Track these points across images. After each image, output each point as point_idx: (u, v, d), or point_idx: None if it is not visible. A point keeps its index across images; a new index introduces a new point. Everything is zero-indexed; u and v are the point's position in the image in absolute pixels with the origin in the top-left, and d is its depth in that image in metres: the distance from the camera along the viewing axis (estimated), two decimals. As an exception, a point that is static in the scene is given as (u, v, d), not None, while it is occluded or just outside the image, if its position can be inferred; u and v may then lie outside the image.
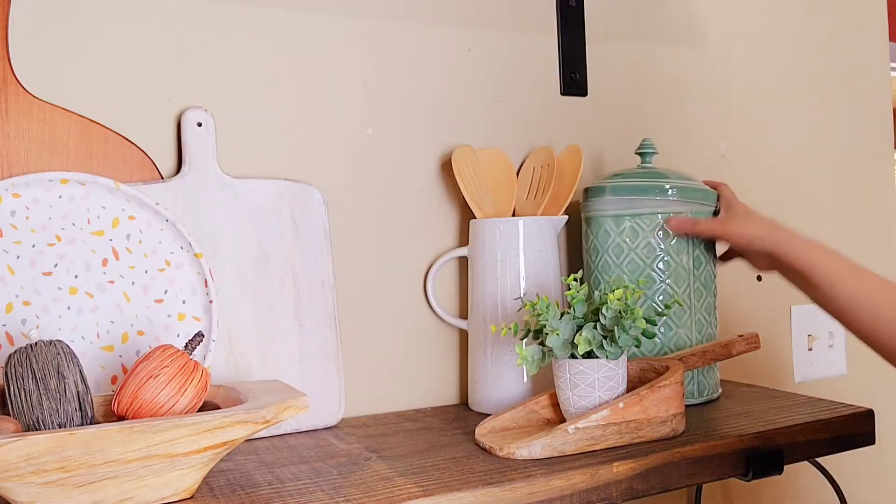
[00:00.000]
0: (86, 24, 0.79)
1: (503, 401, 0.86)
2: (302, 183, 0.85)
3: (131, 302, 0.75)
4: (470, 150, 0.93)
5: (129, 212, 0.75)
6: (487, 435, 0.74)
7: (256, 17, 0.86)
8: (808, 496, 1.18)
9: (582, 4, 1.03)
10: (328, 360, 0.84)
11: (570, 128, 1.03)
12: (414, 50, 0.94)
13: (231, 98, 0.85)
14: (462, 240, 0.96)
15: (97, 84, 0.79)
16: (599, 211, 0.90)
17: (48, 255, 0.73)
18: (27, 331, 0.71)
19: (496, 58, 0.98)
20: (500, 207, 0.92)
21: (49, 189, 0.73)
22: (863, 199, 1.29)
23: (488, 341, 0.88)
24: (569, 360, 0.72)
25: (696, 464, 0.70)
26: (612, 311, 0.71)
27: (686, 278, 0.88)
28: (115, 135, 0.79)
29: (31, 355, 0.60)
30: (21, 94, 0.75)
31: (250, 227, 0.82)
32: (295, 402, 0.61)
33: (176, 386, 0.61)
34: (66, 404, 0.60)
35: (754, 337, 0.87)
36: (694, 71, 1.13)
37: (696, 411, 0.84)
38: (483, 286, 0.89)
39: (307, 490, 0.62)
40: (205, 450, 0.58)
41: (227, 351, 0.80)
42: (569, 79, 1.02)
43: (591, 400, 0.72)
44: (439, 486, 0.61)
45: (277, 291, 0.82)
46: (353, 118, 0.90)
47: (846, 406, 0.82)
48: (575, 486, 0.64)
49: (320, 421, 0.83)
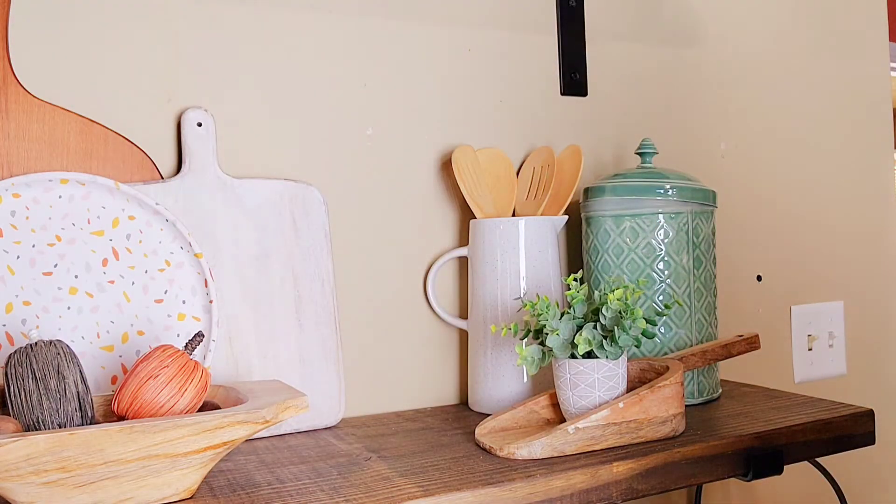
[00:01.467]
0: (86, 24, 0.79)
1: (503, 401, 0.86)
2: (302, 183, 0.85)
3: (131, 302, 0.75)
4: (470, 150, 0.93)
5: (129, 212, 0.75)
6: (487, 435, 0.74)
7: (256, 17, 0.86)
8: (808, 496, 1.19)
9: (582, 4, 1.03)
10: (328, 360, 0.84)
11: (570, 128, 1.03)
12: (414, 50, 0.94)
13: (231, 98, 0.85)
14: (462, 240, 0.96)
15: (97, 84, 0.79)
16: (599, 211, 0.90)
17: (48, 255, 0.73)
18: (27, 331, 0.71)
19: (496, 58, 0.98)
20: (500, 207, 0.92)
21: (49, 189, 0.73)
22: (863, 199, 1.29)
23: (488, 341, 0.88)
24: (569, 360, 0.72)
25: (696, 464, 0.70)
26: (612, 311, 0.71)
27: (686, 278, 0.88)
28: (115, 135, 0.79)
29: (31, 355, 0.60)
30: (21, 94, 0.75)
31: (250, 227, 0.82)
32: (295, 402, 0.61)
33: (176, 386, 0.61)
34: (66, 404, 0.60)
35: (754, 337, 0.87)
36: (694, 71, 1.13)
37: (696, 411, 0.84)
38: (483, 286, 0.89)
39: (307, 490, 0.62)
40: (205, 450, 0.58)
41: (227, 351, 0.80)
42: (569, 79, 1.02)
43: (591, 400, 0.72)
44: (439, 486, 0.61)
45: (277, 291, 0.82)
46: (353, 118, 0.91)
47: (846, 406, 0.82)
48: (575, 486, 0.64)
49: (320, 421, 0.83)
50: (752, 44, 1.18)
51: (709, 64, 1.14)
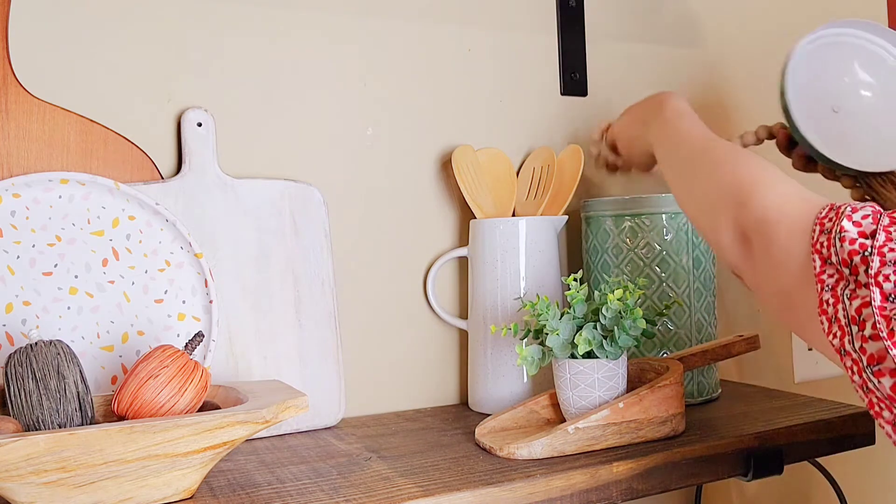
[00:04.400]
0: (86, 24, 0.79)
1: (503, 401, 0.86)
2: (302, 183, 0.85)
3: (131, 302, 0.75)
4: (470, 150, 0.93)
5: (129, 212, 0.75)
6: (487, 435, 0.74)
7: (256, 16, 0.86)
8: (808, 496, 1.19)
9: (582, 4, 1.03)
10: (328, 360, 0.84)
11: (570, 128, 1.03)
12: (414, 50, 0.94)
13: (231, 98, 0.85)
14: (462, 240, 0.96)
15: (97, 84, 0.79)
16: (599, 211, 0.90)
17: (48, 255, 0.73)
18: (27, 331, 0.71)
19: (496, 58, 0.98)
20: (500, 207, 0.92)
21: (49, 189, 0.73)
22: (863, 199, 1.29)
23: (488, 341, 0.88)
24: (569, 360, 0.72)
25: (696, 464, 0.70)
26: (612, 311, 0.71)
27: (686, 278, 0.88)
28: (115, 135, 0.79)
29: (31, 355, 0.60)
30: (21, 94, 0.75)
31: (250, 227, 0.82)
32: (295, 402, 0.61)
33: (176, 386, 0.61)
34: (66, 404, 0.60)
35: (754, 337, 0.87)
36: (694, 71, 1.13)
37: (696, 411, 0.84)
38: (483, 286, 0.89)
39: (307, 490, 0.62)
40: (205, 450, 0.58)
41: (227, 351, 0.80)
42: (569, 79, 1.02)
43: (591, 400, 0.72)
44: (439, 486, 0.61)
45: (277, 291, 0.82)
46: (353, 118, 0.90)
47: (846, 406, 0.82)
48: (575, 486, 0.64)
49: (320, 421, 0.83)
50: (752, 44, 1.18)
51: (709, 64, 1.14)
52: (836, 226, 0.51)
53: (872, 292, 0.47)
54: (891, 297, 0.46)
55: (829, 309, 0.50)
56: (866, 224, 0.50)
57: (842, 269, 0.50)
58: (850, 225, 0.50)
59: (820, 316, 0.51)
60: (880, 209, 0.51)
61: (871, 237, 0.49)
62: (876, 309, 0.47)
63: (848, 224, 0.50)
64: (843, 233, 0.50)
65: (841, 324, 0.49)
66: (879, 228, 0.49)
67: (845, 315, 0.49)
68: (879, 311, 0.46)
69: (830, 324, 0.50)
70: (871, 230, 0.49)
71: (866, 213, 0.50)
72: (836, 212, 0.52)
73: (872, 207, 0.51)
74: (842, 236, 0.50)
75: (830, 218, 0.52)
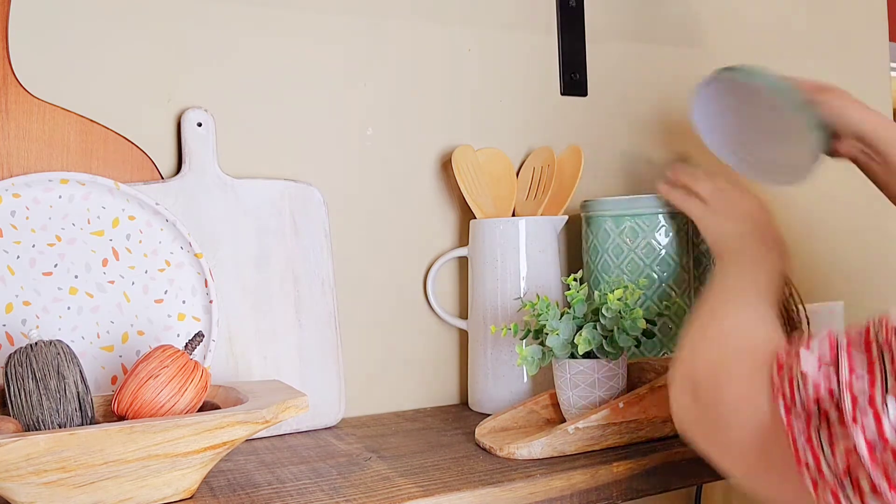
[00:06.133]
0: (86, 24, 0.79)
1: (503, 401, 0.86)
2: (302, 183, 0.85)
3: (131, 302, 0.75)
4: (470, 150, 0.93)
5: (129, 212, 0.75)
6: (487, 435, 0.74)
7: (256, 16, 0.86)
8: (808, 496, 1.18)
9: (582, 4, 1.03)
10: (328, 360, 0.84)
11: (570, 128, 1.03)
12: (414, 50, 0.94)
13: (231, 98, 0.85)
14: (462, 240, 0.96)
15: (97, 84, 0.79)
16: (599, 211, 0.90)
17: (48, 255, 0.73)
18: (27, 331, 0.71)
19: (496, 58, 0.98)
20: (500, 207, 0.92)
21: (49, 189, 0.73)
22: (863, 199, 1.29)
23: (488, 341, 0.88)
24: (569, 360, 0.72)
25: (696, 464, 0.70)
26: (612, 311, 0.71)
27: (686, 278, 0.88)
28: (115, 135, 0.79)
29: (31, 355, 0.60)
30: (21, 94, 0.75)
31: (250, 227, 0.82)
32: (295, 402, 0.61)
33: (176, 386, 0.61)
34: (66, 404, 0.60)
35: (754, 337, 0.86)
36: (694, 71, 1.13)
37: (696, 411, 0.84)
38: (483, 286, 0.89)
39: (307, 490, 0.62)
40: (205, 450, 0.58)
41: (227, 351, 0.80)
42: (569, 79, 1.02)
43: (591, 400, 0.72)
44: (439, 486, 0.61)
45: (277, 291, 0.82)
46: (353, 118, 0.90)
47: (846, 406, 0.81)
48: (575, 486, 0.64)
49: (320, 421, 0.83)
50: (752, 43, 1.18)
51: (709, 64, 1.14)
52: (795, 365, 0.47)
53: (855, 437, 0.42)
54: (876, 448, 0.41)
55: (811, 462, 0.45)
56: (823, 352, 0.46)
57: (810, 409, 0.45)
58: (810, 358, 0.46)
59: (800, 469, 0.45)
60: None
61: (835, 365, 0.45)
62: (867, 461, 0.41)
63: (807, 358, 0.46)
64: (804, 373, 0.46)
65: (826, 479, 0.44)
66: (841, 353, 0.45)
67: (830, 468, 0.43)
68: (871, 463, 0.41)
69: (815, 481, 0.45)
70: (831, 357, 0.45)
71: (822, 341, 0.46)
72: (791, 353, 0.48)
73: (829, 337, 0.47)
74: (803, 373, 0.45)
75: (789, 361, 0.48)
